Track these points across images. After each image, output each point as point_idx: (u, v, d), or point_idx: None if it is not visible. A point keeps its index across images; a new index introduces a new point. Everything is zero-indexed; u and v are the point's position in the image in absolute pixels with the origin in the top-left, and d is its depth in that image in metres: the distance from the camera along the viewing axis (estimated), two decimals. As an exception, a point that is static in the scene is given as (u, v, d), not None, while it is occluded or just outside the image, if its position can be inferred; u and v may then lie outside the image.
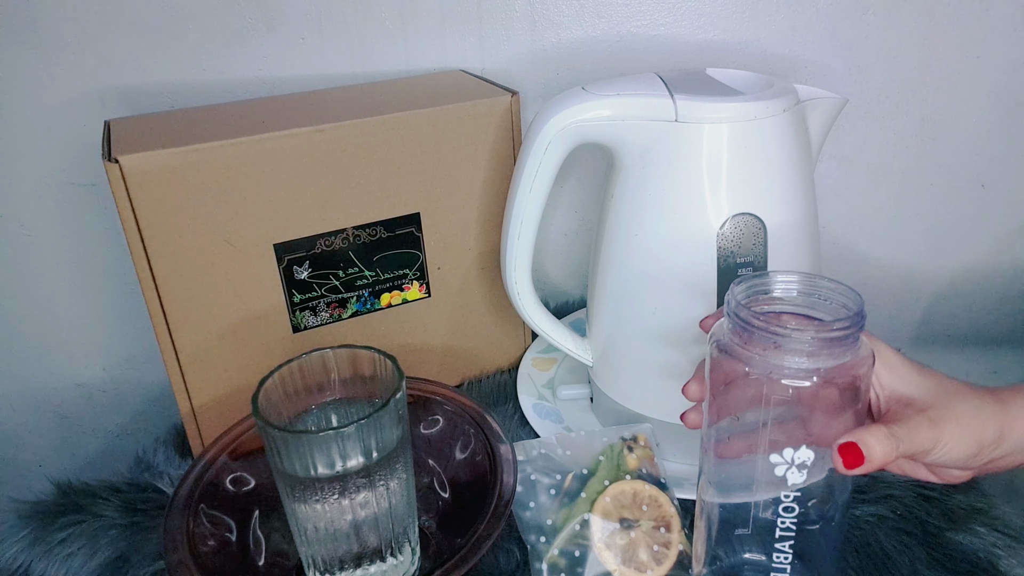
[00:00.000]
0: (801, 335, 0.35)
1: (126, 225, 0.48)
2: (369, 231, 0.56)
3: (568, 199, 0.75)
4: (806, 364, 0.35)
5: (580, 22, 0.68)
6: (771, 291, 0.39)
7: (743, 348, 0.36)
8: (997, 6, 0.69)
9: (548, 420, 0.60)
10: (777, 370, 0.36)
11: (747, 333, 0.36)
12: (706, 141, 0.47)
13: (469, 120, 0.56)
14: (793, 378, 0.35)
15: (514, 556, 0.48)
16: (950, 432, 0.37)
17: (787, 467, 0.37)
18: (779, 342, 0.35)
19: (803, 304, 0.39)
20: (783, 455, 0.37)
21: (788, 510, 0.39)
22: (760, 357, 0.36)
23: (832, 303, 0.38)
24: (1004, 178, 0.79)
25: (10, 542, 0.50)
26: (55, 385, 0.75)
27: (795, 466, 0.37)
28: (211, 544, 0.45)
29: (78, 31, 0.61)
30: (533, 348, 0.69)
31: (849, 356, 0.36)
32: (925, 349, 0.89)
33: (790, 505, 0.39)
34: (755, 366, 0.36)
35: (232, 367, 0.55)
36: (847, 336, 0.35)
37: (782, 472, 0.37)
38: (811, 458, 0.37)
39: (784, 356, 0.35)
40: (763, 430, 0.37)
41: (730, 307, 0.37)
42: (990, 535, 0.48)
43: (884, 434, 0.36)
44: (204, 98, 0.64)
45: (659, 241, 0.50)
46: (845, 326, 0.35)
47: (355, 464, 0.40)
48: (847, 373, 0.36)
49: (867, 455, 0.36)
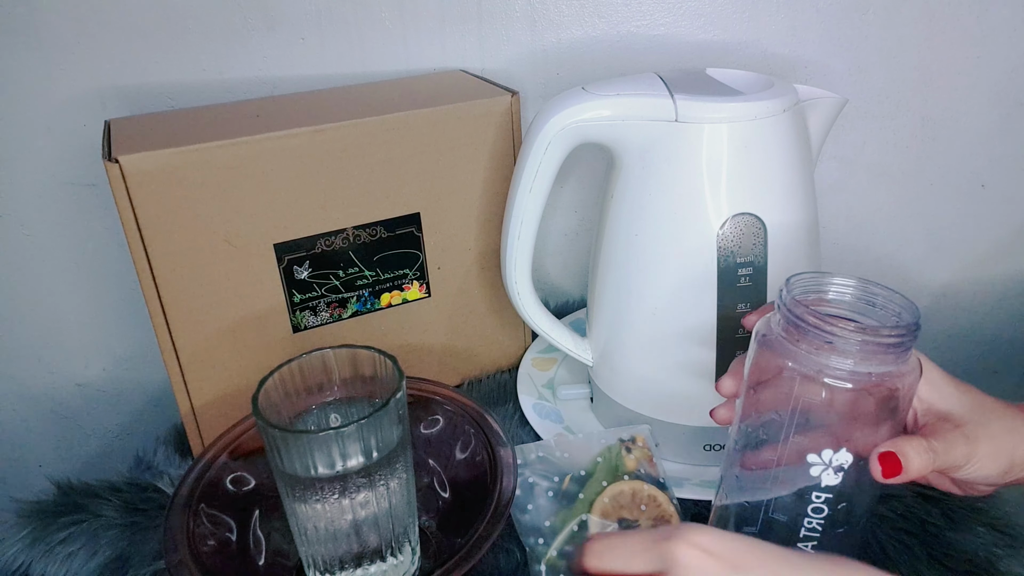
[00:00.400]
0: (853, 336, 0.34)
1: (126, 225, 0.48)
2: (369, 231, 0.56)
3: (568, 199, 0.75)
4: (852, 366, 0.35)
5: (580, 22, 0.68)
6: (825, 292, 0.39)
7: (792, 344, 0.36)
8: (997, 6, 0.69)
9: (548, 420, 0.60)
10: (825, 369, 0.35)
11: (799, 330, 0.36)
12: (706, 141, 0.47)
13: (469, 120, 0.56)
14: (838, 379, 0.35)
15: (514, 556, 0.48)
16: (984, 450, 0.38)
17: (824, 468, 0.37)
18: (832, 340, 0.35)
19: (855, 309, 0.38)
20: (822, 456, 0.37)
21: (817, 511, 0.38)
22: (807, 354, 0.35)
23: (885, 311, 0.38)
24: (1004, 178, 0.79)
25: (10, 542, 0.50)
26: (55, 385, 0.75)
27: (831, 468, 0.37)
28: (211, 544, 0.45)
29: (78, 31, 0.61)
30: (533, 348, 0.69)
31: (898, 365, 0.35)
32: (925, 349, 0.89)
33: (819, 506, 0.38)
34: (802, 363, 0.36)
35: (232, 367, 0.55)
36: (899, 344, 0.35)
37: (817, 472, 0.37)
38: (849, 461, 0.37)
39: (833, 356, 0.35)
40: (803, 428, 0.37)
41: (784, 302, 0.37)
42: (990, 535, 0.48)
43: (923, 447, 0.36)
44: (204, 98, 0.64)
45: (659, 241, 0.50)
46: (900, 334, 0.34)
47: (355, 464, 0.40)
48: (893, 382, 0.35)
49: (905, 465, 0.36)
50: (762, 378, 0.38)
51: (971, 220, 0.81)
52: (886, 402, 0.36)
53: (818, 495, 0.38)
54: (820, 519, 0.39)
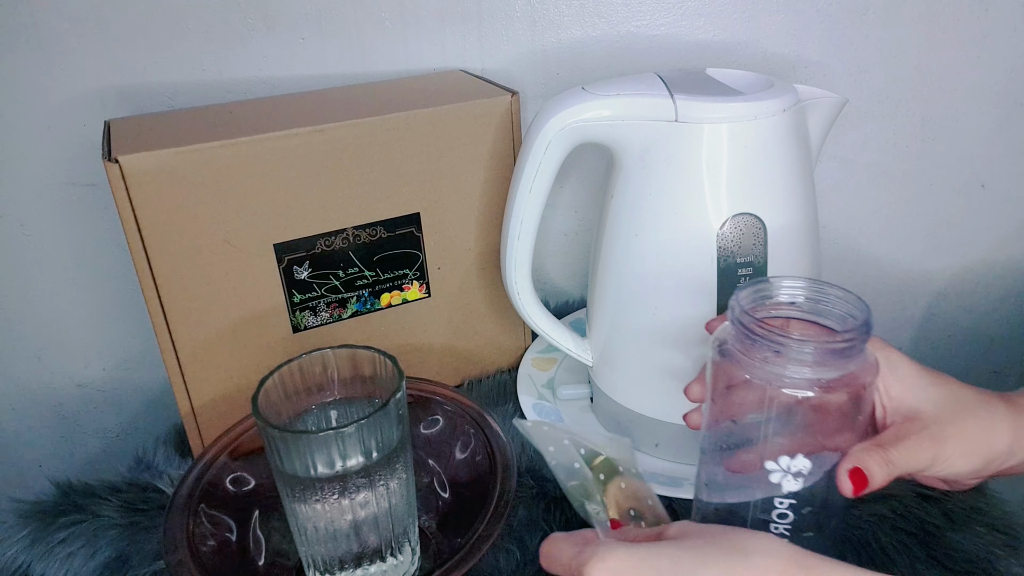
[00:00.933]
0: (802, 345, 0.34)
1: (126, 225, 0.48)
2: (369, 231, 0.56)
3: (568, 199, 0.75)
4: (808, 374, 0.35)
5: (580, 22, 0.68)
6: (777, 296, 0.39)
7: (744, 354, 0.36)
8: (997, 6, 0.69)
9: (548, 420, 0.59)
10: (777, 379, 0.35)
11: (749, 340, 0.36)
12: (706, 141, 0.47)
13: (469, 120, 0.56)
14: (794, 387, 0.35)
15: (514, 556, 0.48)
16: (952, 448, 0.37)
17: (783, 475, 0.37)
18: (781, 351, 0.35)
19: (810, 311, 0.38)
20: (779, 463, 0.37)
21: (782, 516, 0.39)
22: (761, 365, 0.36)
23: (839, 310, 0.37)
24: (1004, 178, 0.79)
25: (10, 542, 0.50)
26: (55, 385, 0.75)
27: (791, 474, 0.37)
28: (211, 544, 0.45)
29: (78, 31, 0.61)
30: (533, 348, 0.69)
31: (852, 367, 0.35)
32: (925, 349, 0.89)
33: (784, 512, 0.38)
34: (756, 373, 0.36)
35: (232, 367, 0.55)
36: (851, 347, 0.35)
37: (777, 479, 0.37)
38: (807, 467, 0.37)
39: (785, 365, 0.35)
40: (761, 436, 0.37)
41: (734, 313, 0.37)
42: (990, 535, 0.48)
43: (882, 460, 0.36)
44: (204, 98, 0.64)
45: (659, 241, 0.50)
46: (849, 337, 0.34)
47: (355, 464, 0.40)
48: (850, 384, 0.35)
49: (869, 480, 0.36)
50: (726, 384, 0.38)
51: (971, 220, 0.81)
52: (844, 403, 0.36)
53: (780, 501, 0.38)
54: (787, 524, 0.39)
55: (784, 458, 0.37)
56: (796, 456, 0.36)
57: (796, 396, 0.35)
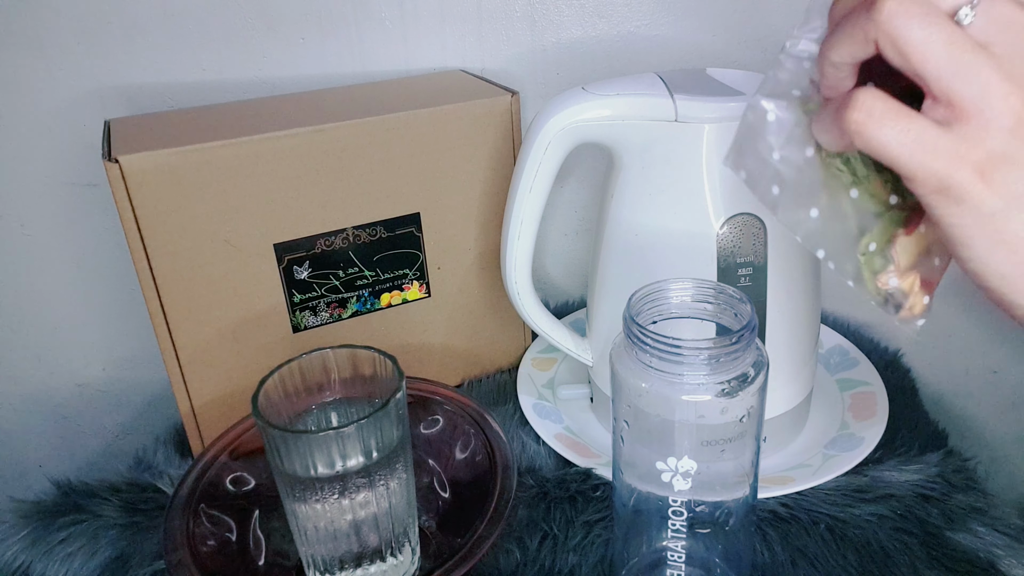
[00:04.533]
0: (695, 352, 0.35)
1: (126, 225, 0.48)
2: (369, 231, 0.56)
3: (568, 199, 0.75)
4: (700, 378, 0.35)
5: (580, 22, 0.68)
6: (668, 301, 0.39)
7: (644, 363, 0.37)
8: (997, 6, 0.69)
9: (548, 420, 0.59)
10: (676, 386, 0.36)
11: (642, 349, 0.36)
12: (706, 141, 0.47)
13: (469, 120, 0.56)
14: (692, 394, 0.36)
15: (514, 556, 0.48)
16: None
17: (672, 474, 0.38)
18: (678, 359, 0.35)
19: (699, 313, 0.39)
20: (667, 463, 0.38)
21: (677, 513, 0.39)
22: (658, 372, 0.36)
23: (726, 307, 0.38)
24: (1004, 178, 0.79)
25: (10, 542, 0.50)
26: (55, 385, 0.75)
27: (679, 474, 0.38)
28: (211, 544, 0.45)
29: (78, 31, 0.61)
30: (533, 348, 0.69)
31: (745, 365, 0.36)
32: (925, 349, 0.89)
33: (678, 509, 0.39)
34: (652, 381, 0.36)
35: (232, 367, 0.55)
36: (736, 350, 0.35)
37: (668, 479, 0.38)
38: (694, 468, 0.37)
39: (683, 370, 0.35)
40: (647, 440, 0.38)
41: (625, 323, 0.37)
42: (990, 535, 0.48)
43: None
44: (204, 98, 0.64)
45: (659, 241, 0.50)
46: (736, 339, 0.35)
47: (355, 464, 0.40)
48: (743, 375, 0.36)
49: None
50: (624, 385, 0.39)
51: (971, 220, 0.81)
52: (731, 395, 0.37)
53: (674, 499, 0.39)
54: (682, 521, 0.40)
55: (672, 458, 0.37)
56: (683, 457, 0.37)
57: (694, 401, 0.36)
